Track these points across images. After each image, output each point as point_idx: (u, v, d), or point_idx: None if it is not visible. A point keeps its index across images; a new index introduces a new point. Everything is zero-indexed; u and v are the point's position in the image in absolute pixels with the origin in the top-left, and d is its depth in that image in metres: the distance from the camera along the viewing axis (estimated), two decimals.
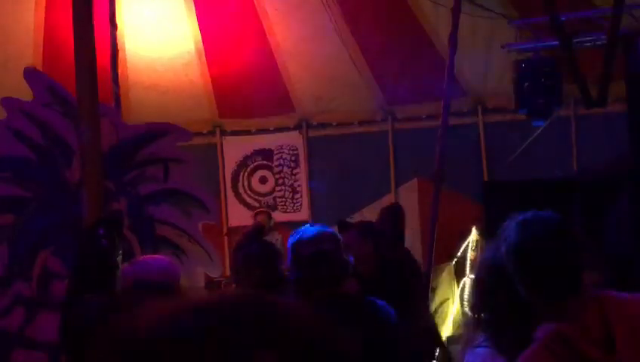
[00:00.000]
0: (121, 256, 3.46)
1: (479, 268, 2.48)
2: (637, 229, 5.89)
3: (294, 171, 9.47)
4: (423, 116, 8.64)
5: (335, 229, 3.62)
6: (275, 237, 8.37)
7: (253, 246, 4.29)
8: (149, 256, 3.19)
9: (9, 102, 5.01)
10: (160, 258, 3.09)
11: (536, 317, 2.12)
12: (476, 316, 2.36)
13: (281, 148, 9.47)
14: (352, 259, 3.01)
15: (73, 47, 4.30)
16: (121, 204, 5.02)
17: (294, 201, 9.45)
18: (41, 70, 6.58)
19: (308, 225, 2.89)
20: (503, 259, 2.19)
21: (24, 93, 5.21)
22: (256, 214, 8.64)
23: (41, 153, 4.91)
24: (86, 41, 3.70)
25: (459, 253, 7.71)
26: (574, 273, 2.12)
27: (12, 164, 4.85)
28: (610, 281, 2.28)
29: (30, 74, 5.26)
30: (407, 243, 9.16)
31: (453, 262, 7.70)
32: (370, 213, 8.71)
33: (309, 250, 2.72)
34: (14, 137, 4.89)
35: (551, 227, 2.15)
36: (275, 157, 9.51)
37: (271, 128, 9.44)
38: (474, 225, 7.79)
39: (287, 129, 9.41)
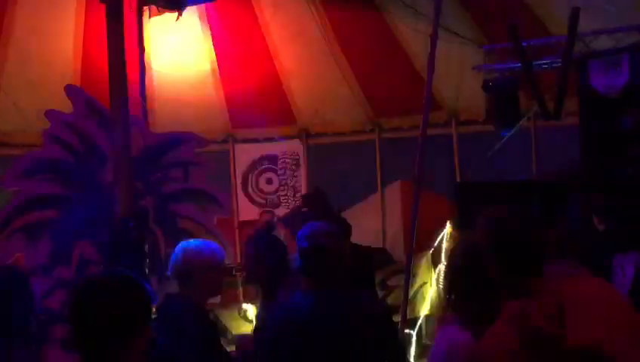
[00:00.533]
0: (147, 245, 3.46)
1: (451, 256, 2.49)
2: (586, 225, 5.90)
3: (295, 174, 9.47)
4: (405, 127, 8.63)
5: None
6: (277, 233, 8.37)
7: (263, 240, 4.27)
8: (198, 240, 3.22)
9: (52, 114, 5.00)
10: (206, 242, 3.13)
11: (499, 296, 2.14)
12: (447, 297, 2.36)
13: (285, 154, 9.46)
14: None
15: (107, 67, 4.29)
16: (147, 202, 5.01)
17: (295, 199, 9.44)
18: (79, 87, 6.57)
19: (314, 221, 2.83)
20: (477, 246, 2.22)
21: (65, 107, 5.20)
22: (262, 213, 8.63)
23: (79, 157, 4.90)
24: (118, 61, 3.70)
25: (435, 244, 7.70)
26: (537, 256, 2.16)
27: (55, 166, 4.84)
28: None
29: (71, 90, 5.26)
30: (392, 236, 9.19)
31: (431, 251, 7.68)
32: (359, 210, 8.71)
33: (309, 243, 2.68)
34: (56, 144, 4.88)
35: (522, 218, 2.22)
36: (279, 162, 9.50)
37: (276, 137, 9.43)
38: (448, 220, 7.79)
39: (289, 138, 9.40)
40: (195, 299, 2.93)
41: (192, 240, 3.12)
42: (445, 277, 2.43)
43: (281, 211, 9.10)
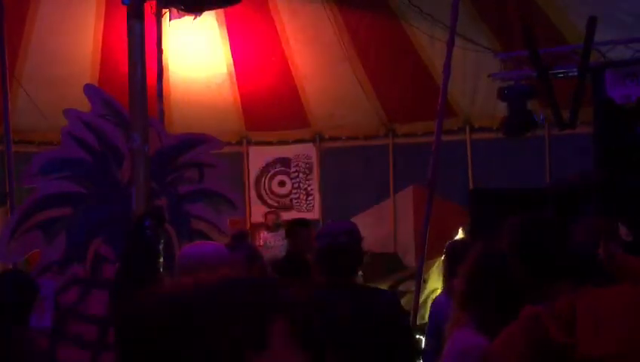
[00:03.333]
0: (162, 245, 3.47)
1: (472, 263, 2.47)
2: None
3: (308, 177, 9.48)
4: (419, 133, 8.62)
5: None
6: (283, 234, 8.38)
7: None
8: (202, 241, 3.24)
9: (70, 113, 5.02)
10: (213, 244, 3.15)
11: (514, 300, 2.13)
12: (464, 301, 2.35)
13: (298, 157, 9.47)
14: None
15: (126, 67, 4.32)
16: (162, 201, 5.02)
17: (307, 202, 9.45)
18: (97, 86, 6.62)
19: (331, 220, 2.87)
20: (499, 253, 2.23)
21: (83, 106, 5.24)
22: (267, 214, 8.66)
23: (96, 156, 4.92)
24: (138, 63, 3.73)
25: None
26: (561, 263, 2.17)
27: (72, 165, 4.87)
28: None
29: (89, 89, 5.29)
30: (403, 241, 9.17)
31: (442, 258, 7.66)
32: (371, 214, 8.71)
33: (326, 242, 2.68)
34: (74, 142, 4.91)
35: (550, 225, 2.26)
36: (292, 165, 9.51)
37: (289, 140, 9.45)
38: (460, 226, 7.76)
39: (303, 141, 9.42)
40: None
41: (197, 242, 3.12)
42: (465, 283, 2.42)
43: (293, 214, 9.11)
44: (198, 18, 5.06)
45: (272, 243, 8.30)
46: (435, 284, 7.60)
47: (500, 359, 1.98)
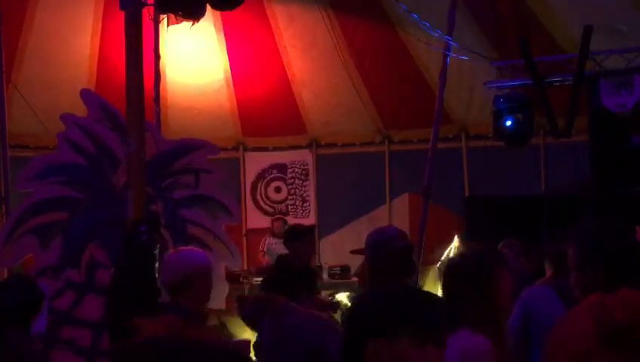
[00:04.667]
0: (158, 250, 3.46)
1: (460, 265, 2.48)
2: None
3: (304, 183, 9.47)
4: (415, 140, 8.63)
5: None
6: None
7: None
8: (187, 248, 3.23)
9: (67, 118, 5.02)
10: (196, 249, 3.14)
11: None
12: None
13: (294, 164, 9.47)
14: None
15: (123, 72, 4.32)
16: (158, 207, 5.01)
17: (303, 209, 9.45)
18: (94, 91, 6.62)
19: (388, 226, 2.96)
20: (477, 255, 2.27)
21: (80, 110, 5.24)
22: (274, 220, 8.64)
23: (92, 161, 4.91)
24: (136, 68, 3.73)
25: (442, 257, 7.68)
26: (630, 263, 2.24)
27: (68, 169, 4.85)
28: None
29: (86, 94, 5.28)
30: None
31: (438, 265, 7.67)
32: (367, 221, 8.70)
33: (403, 244, 2.78)
34: (70, 147, 4.90)
35: (619, 229, 2.32)
36: (288, 171, 9.51)
37: (286, 146, 9.45)
38: (456, 233, 7.77)
39: (299, 147, 9.42)
40: (192, 308, 2.87)
41: (182, 249, 3.12)
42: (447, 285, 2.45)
43: (289, 220, 9.10)
44: (195, 24, 5.06)
45: (275, 250, 8.28)
46: (430, 290, 7.61)
47: (565, 337, 2.02)
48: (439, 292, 2.55)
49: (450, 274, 2.43)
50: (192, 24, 4.54)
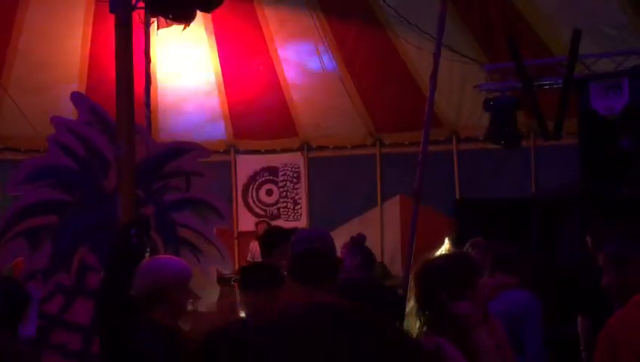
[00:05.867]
0: (148, 253, 3.45)
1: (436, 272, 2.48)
2: (584, 242, 5.90)
3: (296, 186, 9.48)
4: (406, 143, 8.66)
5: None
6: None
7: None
8: (163, 256, 3.14)
9: (57, 121, 5.00)
10: (173, 258, 3.06)
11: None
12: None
13: (286, 166, 9.48)
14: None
15: (113, 75, 4.31)
16: (148, 210, 5.00)
17: (295, 211, 9.45)
18: (84, 94, 6.60)
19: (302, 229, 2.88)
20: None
21: (70, 113, 5.23)
22: (257, 224, 8.62)
23: (82, 164, 4.90)
24: (126, 71, 3.72)
25: None
26: None
27: (58, 172, 4.84)
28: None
29: (76, 96, 5.27)
30: (390, 251, 9.18)
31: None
32: (358, 223, 8.71)
33: (302, 248, 2.65)
34: (60, 150, 4.89)
35: None
36: (280, 174, 9.51)
37: (277, 149, 9.46)
38: (447, 236, 7.78)
39: (290, 150, 9.43)
40: (165, 322, 2.69)
41: (158, 256, 3.01)
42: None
43: (281, 223, 9.10)
44: (186, 27, 5.06)
45: (259, 254, 8.25)
46: None
47: (626, 332, 2.10)
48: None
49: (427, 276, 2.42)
50: (184, 28, 4.54)
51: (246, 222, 9.19)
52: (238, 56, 8.66)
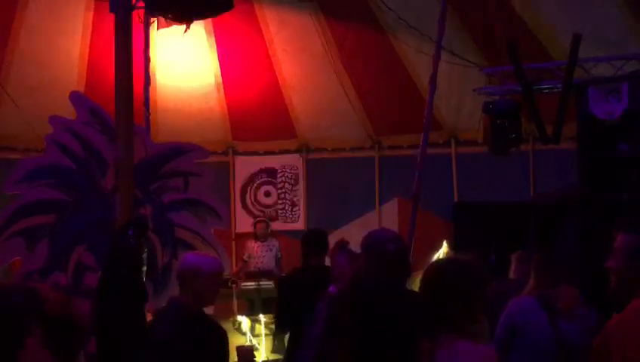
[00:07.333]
0: (145, 253, 3.45)
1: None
2: (582, 246, 5.91)
3: (294, 188, 9.48)
4: (405, 145, 8.66)
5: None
6: (273, 243, 8.36)
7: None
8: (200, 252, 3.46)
9: (55, 120, 5.01)
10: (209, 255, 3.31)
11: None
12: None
13: (284, 168, 9.48)
14: None
15: (112, 75, 4.32)
16: (146, 210, 5.01)
17: (293, 213, 9.45)
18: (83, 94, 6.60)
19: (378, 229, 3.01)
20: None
21: (69, 112, 5.22)
22: (256, 223, 8.60)
23: (80, 164, 4.90)
24: (125, 71, 3.73)
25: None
26: None
27: (56, 172, 4.85)
28: None
29: (75, 96, 5.28)
30: None
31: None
32: (356, 226, 8.71)
33: (394, 247, 2.78)
34: (59, 150, 4.89)
35: None
36: (278, 175, 9.51)
37: (276, 150, 9.46)
38: (445, 239, 7.79)
39: (289, 152, 9.43)
40: (189, 304, 3.05)
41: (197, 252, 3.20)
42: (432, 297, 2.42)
43: (278, 225, 9.11)
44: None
45: (257, 254, 8.25)
46: None
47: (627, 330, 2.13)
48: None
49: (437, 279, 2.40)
50: (185, 30, 4.55)
51: (244, 224, 9.19)
52: (237, 57, 8.66)
